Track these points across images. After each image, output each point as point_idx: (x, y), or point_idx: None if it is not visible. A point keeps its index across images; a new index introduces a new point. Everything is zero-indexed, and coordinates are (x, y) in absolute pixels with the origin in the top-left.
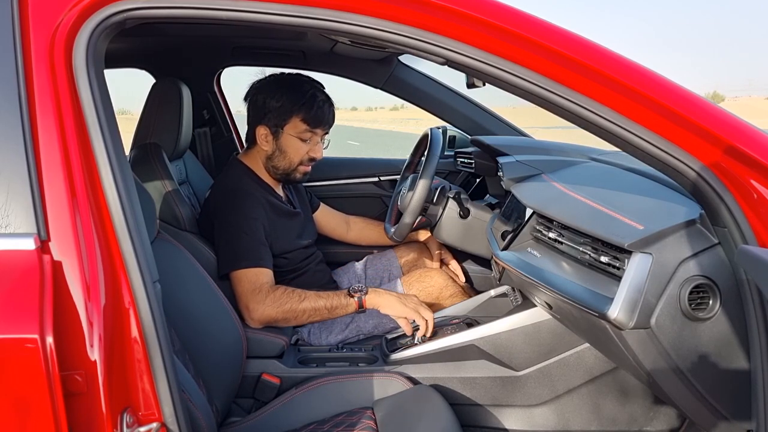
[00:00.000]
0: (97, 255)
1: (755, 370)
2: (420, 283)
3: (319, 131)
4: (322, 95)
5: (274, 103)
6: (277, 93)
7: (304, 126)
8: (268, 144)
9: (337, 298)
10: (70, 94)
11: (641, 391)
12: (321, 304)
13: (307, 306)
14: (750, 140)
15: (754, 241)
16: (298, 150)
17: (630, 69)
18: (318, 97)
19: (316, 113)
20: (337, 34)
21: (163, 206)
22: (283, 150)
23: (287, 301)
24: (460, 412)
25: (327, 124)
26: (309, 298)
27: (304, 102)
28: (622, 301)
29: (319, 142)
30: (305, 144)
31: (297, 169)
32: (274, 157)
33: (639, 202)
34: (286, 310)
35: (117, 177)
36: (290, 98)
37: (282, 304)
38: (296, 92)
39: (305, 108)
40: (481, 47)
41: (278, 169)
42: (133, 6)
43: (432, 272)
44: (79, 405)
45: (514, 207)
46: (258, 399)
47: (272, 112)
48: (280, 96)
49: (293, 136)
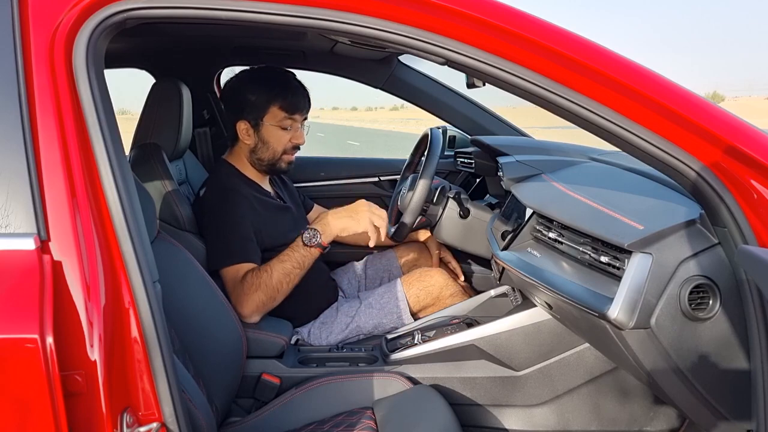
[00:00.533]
0: (97, 255)
1: (755, 370)
2: (420, 282)
3: (297, 117)
4: (295, 82)
5: (250, 96)
6: (251, 86)
7: (282, 114)
8: (250, 138)
9: (297, 253)
10: (70, 94)
11: (641, 391)
12: (288, 267)
13: (278, 275)
14: (750, 140)
15: (754, 241)
16: (281, 139)
17: (630, 69)
18: (291, 83)
19: (293, 100)
20: (337, 34)
21: (163, 206)
22: (265, 141)
23: (259, 281)
24: (460, 412)
25: (304, 109)
26: (275, 267)
27: (278, 91)
28: (622, 301)
29: (299, 129)
30: (286, 132)
31: (281, 158)
32: (258, 149)
33: (639, 202)
34: (263, 289)
35: (117, 177)
36: (265, 89)
37: (257, 286)
38: (270, 82)
39: (281, 96)
40: (481, 47)
41: (263, 161)
42: (133, 6)
43: (432, 272)
44: (79, 405)
45: (514, 207)
46: (258, 399)
47: (249, 105)
48: (255, 89)
49: (274, 125)
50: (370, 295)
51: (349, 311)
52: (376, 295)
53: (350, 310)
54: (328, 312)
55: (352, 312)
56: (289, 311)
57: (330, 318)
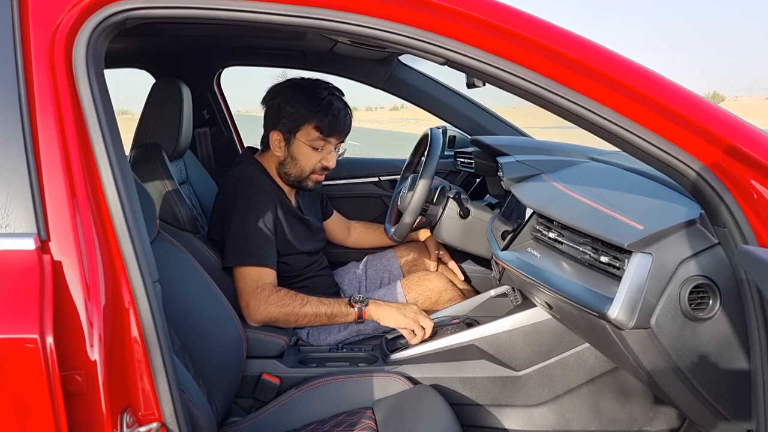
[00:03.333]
0: (97, 255)
1: (755, 370)
2: (419, 286)
3: (333, 140)
4: (339, 103)
5: (289, 108)
6: (293, 98)
7: (316, 134)
8: (280, 150)
9: (338, 306)
10: (70, 94)
11: (641, 391)
12: (322, 311)
13: (308, 311)
14: (750, 140)
15: (754, 241)
16: (309, 158)
17: (630, 69)
18: (334, 105)
19: (331, 122)
20: (337, 34)
21: (163, 206)
22: (294, 157)
23: (290, 303)
24: (460, 412)
25: (342, 133)
26: (311, 303)
27: (319, 110)
28: (622, 301)
29: (332, 151)
30: (317, 153)
31: (309, 177)
32: (286, 163)
33: (639, 202)
34: (287, 312)
35: (117, 177)
36: (305, 105)
37: (285, 305)
38: (312, 99)
39: (319, 116)
40: (481, 47)
41: (290, 176)
42: (133, 6)
43: (431, 276)
44: (79, 405)
45: (514, 207)
46: (258, 399)
47: (286, 117)
48: (296, 102)
49: (305, 143)
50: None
51: None
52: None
53: None
54: None
55: None
56: None
57: None
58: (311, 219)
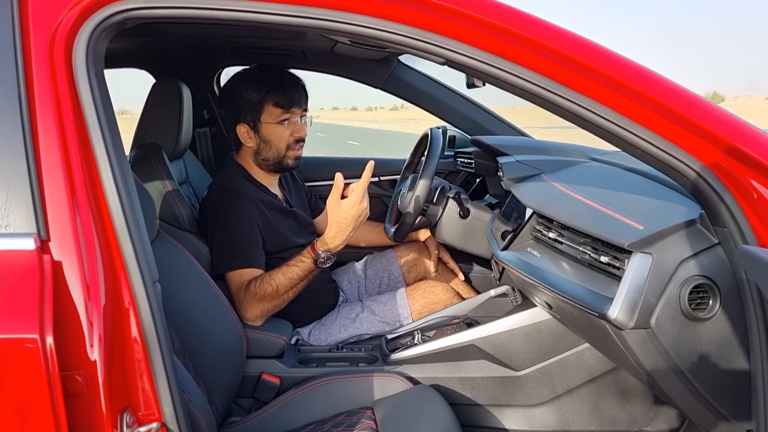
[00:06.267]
0: (97, 255)
1: (755, 370)
2: (424, 298)
3: (295, 110)
4: (287, 75)
5: (244, 97)
6: (244, 88)
7: (278, 110)
8: (251, 140)
9: (295, 260)
10: (70, 94)
11: (641, 391)
12: (290, 274)
13: (280, 282)
14: (750, 140)
15: (754, 241)
16: (281, 135)
17: (630, 69)
18: (284, 77)
19: (286, 95)
20: (337, 34)
21: (163, 206)
22: (267, 140)
23: (262, 289)
24: (460, 412)
25: (301, 102)
26: (277, 275)
27: (270, 87)
28: (622, 301)
29: (299, 122)
30: (286, 127)
31: (286, 155)
32: (261, 150)
33: (639, 202)
34: (265, 296)
35: (117, 177)
36: (257, 88)
37: (261, 296)
38: (261, 80)
39: (273, 92)
40: (481, 47)
41: (269, 161)
42: (133, 6)
43: (437, 288)
44: (79, 405)
45: (514, 207)
46: (258, 399)
47: (245, 107)
48: (248, 89)
49: (272, 123)
50: (373, 302)
51: (349, 313)
52: (379, 302)
53: (351, 312)
54: (328, 313)
55: (352, 314)
56: (290, 312)
57: (330, 319)
58: (299, 211)
